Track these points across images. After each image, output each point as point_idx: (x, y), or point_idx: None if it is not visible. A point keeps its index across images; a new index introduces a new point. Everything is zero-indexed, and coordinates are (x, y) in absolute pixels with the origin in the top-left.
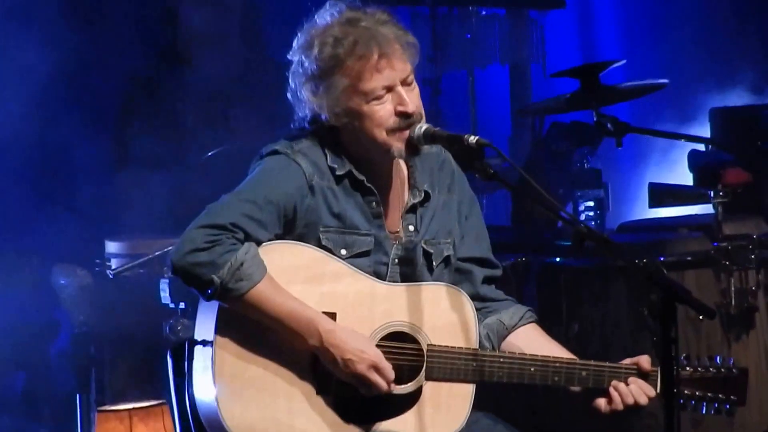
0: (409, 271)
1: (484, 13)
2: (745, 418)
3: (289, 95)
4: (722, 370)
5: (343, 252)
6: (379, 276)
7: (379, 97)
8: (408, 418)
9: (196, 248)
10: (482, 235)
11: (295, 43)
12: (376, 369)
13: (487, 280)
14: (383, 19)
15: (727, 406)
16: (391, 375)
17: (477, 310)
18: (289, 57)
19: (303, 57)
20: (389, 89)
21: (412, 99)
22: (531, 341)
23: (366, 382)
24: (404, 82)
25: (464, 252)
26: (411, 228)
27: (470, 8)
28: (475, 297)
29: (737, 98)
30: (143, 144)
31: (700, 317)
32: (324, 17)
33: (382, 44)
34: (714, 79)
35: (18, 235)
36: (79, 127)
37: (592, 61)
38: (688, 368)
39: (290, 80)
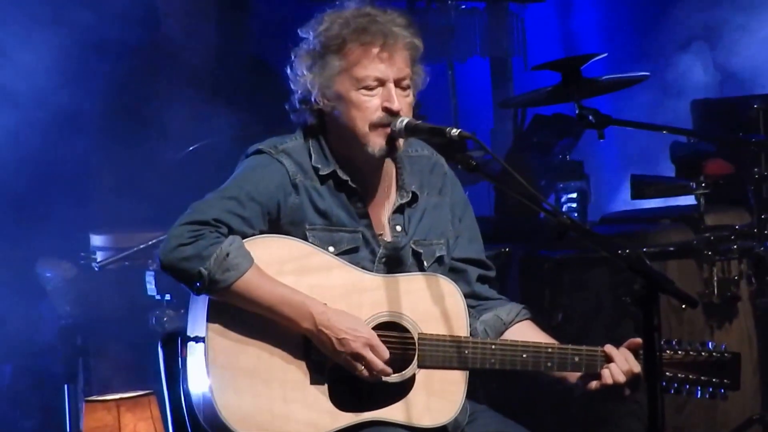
0: (397, 270)
1: (463, 6)
2: (727, 405)
3: (288, 69)
4: (714, 354)
5: (331, 249)
6: None
7: (369, 87)
8: (402, 406)
9: (180, 243)
10: (476, 237)
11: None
12: (371, 347)
13: (481, 279)
14: (399, 21)
15: (722, 391)
16: (386, 354)
17: (472, 307)
18: (299, 32)
19: (311, 32)
20: (381, 83)
21: (401, 103)
22: (528, 337)
23: (361, 361)
24: (399, 84)
25: (459, 253)
26: (398, 228)
27: (449, 2)
28: (470, 295)
29: (718, 90)
30: (126, 138)
31: (683, 306)
32: (347, 5)
33: (388, 37)
34: (695, 71)
35: (3, 228)
36: (63, 121)
37: (573, 54)
38: (680, 351)
39: (292, 54)
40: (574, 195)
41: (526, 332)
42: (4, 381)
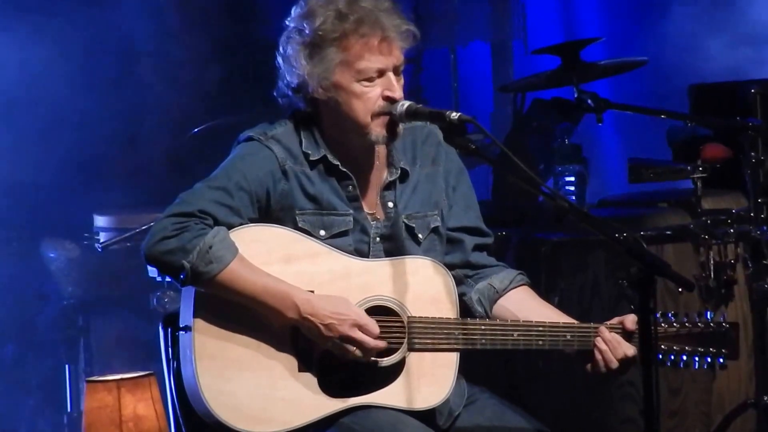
0: (393, 247)
1: None
2: (722, 389)
3: (279, 59)
4: (712, 324)
5: (322, 233)
6: (362, 255)
7: (369, 79)
8: (393, 389)
9: (165, 236)
10: (471, 204)
11: (293, 11)
12: (359, 327)
13: (478, 248)
14: (384, 6)
15: (721, 360)
16: (376, 330)
17: (468, 277)
18: (286, 22)
19: (304, 24)
20: (381, 74)
21: (399, 88)
22: (522, 304)
23: (352, 343)
24: (395, 71)
25: (454, 222)
26: (390, 204)
27: None
28: (466, 265)
29: (715, 75)
30: (132, 117)
31: (680, 290)
32: None
33: (386, 29)
34: (693, 55)
35: (7, 209)
36: (69, 101)
37: (572, 39)
38: (675, 324)
39: (282, 45)
40: (573, 178)
41: (521, 299)
42: (7, 360)
